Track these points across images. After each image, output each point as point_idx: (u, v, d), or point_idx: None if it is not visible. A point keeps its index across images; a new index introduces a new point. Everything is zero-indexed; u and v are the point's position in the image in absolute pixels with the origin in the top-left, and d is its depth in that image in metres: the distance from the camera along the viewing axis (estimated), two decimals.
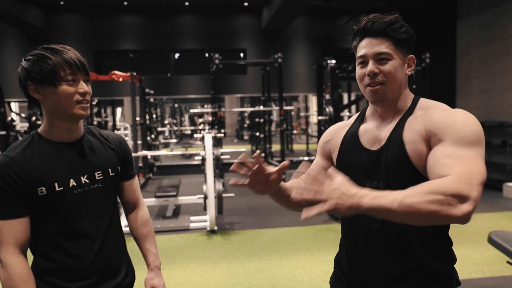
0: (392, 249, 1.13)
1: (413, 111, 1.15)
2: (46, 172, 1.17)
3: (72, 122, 1.22)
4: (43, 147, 1.20)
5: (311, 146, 11.82)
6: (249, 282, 3.31)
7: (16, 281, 1.12)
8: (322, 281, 3.28)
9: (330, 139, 1.31)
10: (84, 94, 1.19)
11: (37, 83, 1.17)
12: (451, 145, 1.01)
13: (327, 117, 5.37)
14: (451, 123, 1.04)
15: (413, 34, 1.15)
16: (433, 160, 1.01)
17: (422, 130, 1.08)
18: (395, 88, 1.13)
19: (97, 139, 1.32)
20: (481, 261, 3.60)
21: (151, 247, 1.43)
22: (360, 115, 1.28)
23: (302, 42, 10.00)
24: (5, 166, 1.14)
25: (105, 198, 1.30)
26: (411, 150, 1.08)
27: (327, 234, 4.50)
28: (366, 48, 1.14)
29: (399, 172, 1.10)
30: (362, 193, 0.91)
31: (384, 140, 1.15)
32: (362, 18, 1.16)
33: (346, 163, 1.22)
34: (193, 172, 9.00)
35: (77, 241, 1.23)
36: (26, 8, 8.11)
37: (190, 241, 4.42)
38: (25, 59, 1.20)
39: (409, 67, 1.17)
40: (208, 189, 4.63)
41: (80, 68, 1.18)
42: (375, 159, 1.15)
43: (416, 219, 0.92)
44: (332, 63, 5.36)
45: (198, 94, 10.07)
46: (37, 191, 1.16)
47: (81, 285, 1.23)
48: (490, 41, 7.19)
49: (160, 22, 9.57)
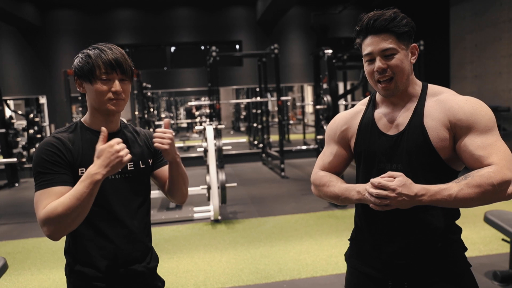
0: (411, 219, 1.24)
1: (426, 97, 1.26)
2: (86, 156, 1.29)
3: (109, 115, 1.34)
4: (85, 134, 1.33)
5: (307, 135, 11.93)
6: (256, 267, 3.43)
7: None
8: (326, 264, 3.40)
9: (347, 127, 1.39)
10: (117, 93, 1.29)
11: (80, 78, 1.31)
12: (478, 135, 1.16)
13: (325, 106, 5.46)
14: (472, 112, 1.18)
15: (414, 25, 1.24)
16: (468, 153, 1.17)
17: (445, 120, 1.20)
18: (404, 80, 1.23)
19: (131, 133, 1.45)
20: (477, 240, 3.74)
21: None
22: (371, 101, 1.37)
23: (297, 32, 10.05)
24: (52, 143, 1.27)
25: (135, 186, 1.40)
26: (434, 136, 1.20)
27: (328, 220, 4.63)
28: (371, 45, 1.22)
29: (420, 155, 1.22)
30: (421, 192, 1.10)
31: (403, 125, 1.25)
32: (363, 16, 1.23)
33: (365, 148, 1.31)
34: (191, 165, 9.09)
35: (110, 223, 1.33)
36: (20, 5, 8.09)
37: (195, 230, 4.53)
38: (77, 56, 1.32)
39: (413, 55, 1.26)
40: (211, 180, 4.73)
41: (115, 67, 1.28)
42: (394, 143, 1.26)
43: (468, 205, 1.12)
44: (329, 52, 5.44)
45: (195, 87, 10.11)
46: (78, 171, 1.27)
47: (109, 264, 1.32)
48: (483, 27, 7.29)
49: (155, 16, 9.57)
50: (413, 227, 1.24)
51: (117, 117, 1.38)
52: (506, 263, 3.21)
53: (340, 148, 1.41)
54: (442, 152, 1.20)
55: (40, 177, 1.23)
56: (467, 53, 7.75)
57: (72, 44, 9.23)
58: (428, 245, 1.25)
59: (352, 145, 1.38)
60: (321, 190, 1.38)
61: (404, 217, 1.24)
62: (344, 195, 1.27)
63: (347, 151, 1.41)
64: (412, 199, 1.09)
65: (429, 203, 1.11)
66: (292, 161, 9.03)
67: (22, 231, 4.80)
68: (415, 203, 1.11)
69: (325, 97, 5.48)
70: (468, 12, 7.61)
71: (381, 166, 1.25)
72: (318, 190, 1.40)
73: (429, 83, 1.31)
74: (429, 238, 1.24)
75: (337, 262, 3.42)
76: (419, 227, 1.24)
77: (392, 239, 1.27)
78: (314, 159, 8.46)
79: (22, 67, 9.12)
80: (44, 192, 1.21)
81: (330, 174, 1.40)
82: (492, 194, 1.09)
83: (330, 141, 1.44)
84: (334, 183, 1.33)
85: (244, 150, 9.97)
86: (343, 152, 1.41)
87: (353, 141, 1.37)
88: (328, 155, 1.44)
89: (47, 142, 1.27)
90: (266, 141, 9.05)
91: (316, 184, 1.40)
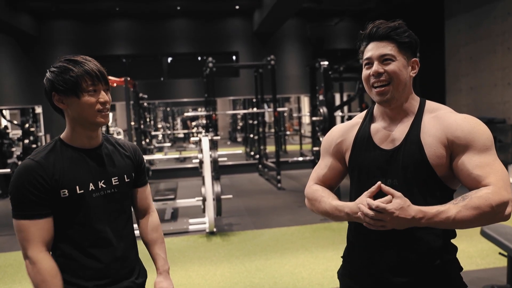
0: (407, 236, 1.21)
1: (423, 113, 1.24)
2: (68, 176, 1.24)
3: (92, 129, 1.29)
4: (65, 152, 1.28)
5: (304, 146, 11.92)
6: (250, 281, 3.38)
7: (45, 276, 1.19)
8: (322, 278, 3.36)
9: (342, 139, 1.37)
10: (104, 103, 1.26)
11: (61, 93, 1.24)
12: (476, 154, 1.14)
13: (321, 117, 5.46)
14: (470, 130, 1.16)
15: (416, 39, 1.23)
16: (465, 172, 1.15)
17: (442, 137, 1.18)
18: (400, 88, 1.21)
19: (114, 146, 1.40)
20: (475, 254, 3.71)
21: (160, 251, 1.49)
22: (368, 114, 1.35)
23: (293, 43, 10.10)
24: (31, 169, 1.21)
25: (121, 202, 1.37)
26: (431, 153, 1.18)
27: (324, 232, 4.59)
28: (371, 51, 1.22)
29: (416, 171, 1.19)
30: (419, 215, 1.09)
31: (399, 140, 1.23)
32: (368, 25, 1.25)
33: (360, 162, 1.29)
34: (188, 175, 9.04)
35: (96, 242, 1.29)
36: (17, 15, 8.10)
37: (190, 243, 4.47)
38: (50, 71, 1.26)
39: (413, 69, 1.25)
40: (207, 191, 4.69)
41: (101, 78, 1.25)
42: (390, 158, 1.23)
43: (466, 227, 1.11)
44: (325, 64, 5.45)
45: (191, 98, 10.12)
46: (59, 193, 1.23)
47: (98, 284, 1.28)
48: (477, 39, 7.36)
49: (152, 27, 9.61)
50: (408, 245, 1.22)
51: (100, 131, 1.35)
52: (504, 277, 3.17)
53: (335, 161, 1.39)
54: (438, 169, 1.18)
55: (20, 207, 1.20)
56: (462, 66, 7.80)
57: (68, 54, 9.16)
58: (423, 263, 1.22)
59: (347, 158, 1.35)
60: (313, 205, 1.36)
61: (399, 235, 1.22)
62: (334, 214, 1.26)
63: (342, 164, 1.39)
64: (409, 222, 1.09)
65: (426, 225, 1.11)
66: (288, 172, 9.00)
67: (14, 244, 4.73)
68: (411, 225, 1.10)
69: (321, 109, 5.48)
70: (463, 25, 7.69)
71: (375, 181, 1.22)
72: (311, 204, 1.38)
73: (426, 99, 1.30)
74: (425, 256, 1.22)
75: (333, 276, 3.38)
76: (415, 245, 1.21)
77: (386, 257, 1.24)
78: (310, 170, 8.42)
79: (18, 76, 9.10)
80: (26, 224, 1.20)
81: (323, 189, 1.37)
82: (491, 215, 1.08)
83: (325, 154, 1.42)
84: (326, 199, 1.31)
85: (241, 161, 9.94)
86: (337, 165, 1.39)
87: (348, 154, 1.34)
88: (322, 167, 1.42)
89: (28, 167, 1.21)
90: (262, 152, 9.03)
91: (309, 198, 1.39)
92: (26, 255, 1.21)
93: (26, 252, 1.20)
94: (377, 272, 1.26)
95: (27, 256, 1.21)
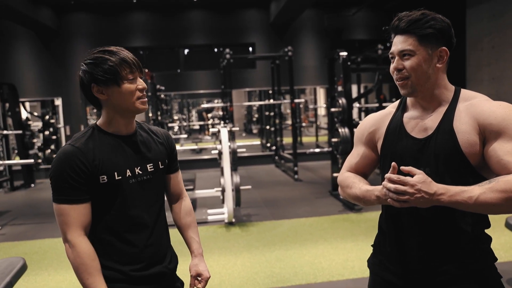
0: (440, 224, 1.21)
1: (457, 102, 1.23)
2: (107, 162, 1.27)
3: (131, 117, 1.32)
4: (103, 139, 1.30)
5: (320, 138, 11.86)
6: (271, 271, 3.41)
7: (84, 259, 1.22)
8: (342, 268, 3.36)
9: (375, 128, 1.38)
10: (143, 90, 1.29)
11: (101, 84, 1.25)
12: (508, 141, 1.12)
13: (340, 108, 5.42)
14: (504, 117, 1.14)
15: (443, 26, 1.21)
16: (495, 158, 1.13)
17: (475, 124, 1.17)
18: (421, 81, 1.22)
19: (147, 134, 1.42)
20: (498, 247, 3.66)
21: (194, 235, 1.52)
22: (401, 104, 1.36)
23: (311, 34, 10.00)
24: (72, 154, 1.23)
25: (156, 188, 1.39)
26: (463, 141, 1.17)
27: (343, 223, 4.58)
28: (394, 45, 1.24)
29: (449, 159, 1.19)
30: (441, 191, 1.07)
31: (432, 129, 1.23)
32: (395, 16, 1.25)
33: (392, 150, 1.30)
34: (204, 167, 9.11)
35: (132, 228, 1.32)
36: (38, 8, 8.21)
37: (209, 233, 4.52)
38: (85, 63, 1.28)
39: (440, 59, 1.24)
40: (226, 182, 4.73)
41: (137, 66, 1.27)
42: (422, 147, 1.23)
43: (489, 212, 1.08)
44: (344, 55, 5.40)
45: (208, 89, 10.13)
46: (99, 179, 1.26)
47: (132, 269, 1.32)
48: (501, 29, 7.17)
49: (169, 19, 9.63)
50: (440, 232, 1.21)
51: (134, 118, 1.37)
52: None
53: (367, 149, 1.40)
54: (472, 157, 1.17)
55: (60, 191, 1.23)
56: (484, 56, 7.62)
57: (87, 47, 9.24)
58: (455, 252, 1.21)
59: (379, 147, 1.36)
60: (345, 191, 1.38)
61: (430, 222, 1.21)
62: (365, 197, 1.26)
63: (374, 152, 1.40)
64: (431, 197, 1.07)
65: (447, 204, 1.08)
66: (305, 164, 8.98)
67: (38, 232, 4.86)
68: (433, 202, 1.08)
69: (340, 100, 5.44)
70: (486, 13, 7.50)
71: None
72: (343, 191, 1.39)
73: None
74: (458, 246, 1.21)
75: (353, 266, 3.38)
76: (448, 233, 1.21)
77: (418, 244, 1.24)
78: (327, 162, 8.40)
79: (38, 69, 9.25)
80: (67, 208, 1.23)
81: (355, 175, 1.39)
82: None
83: (358, 142, 1.44)
84: (357, 184, 1.32)
85: (257, 153, 9.95)
86: (370, 153, 1.40)
87: (380, 143, 1.35)
88: (355, 156, 1.43)
89: (69, 153, 1.23)
90: (279, 143, 9.02)
91: (341, 185, 1.40)
92: (65, 238, 1.25)
93: (66, 236, 1.24)
94: (408, 260, 1.26)
95: (66, 239, 1.24)
